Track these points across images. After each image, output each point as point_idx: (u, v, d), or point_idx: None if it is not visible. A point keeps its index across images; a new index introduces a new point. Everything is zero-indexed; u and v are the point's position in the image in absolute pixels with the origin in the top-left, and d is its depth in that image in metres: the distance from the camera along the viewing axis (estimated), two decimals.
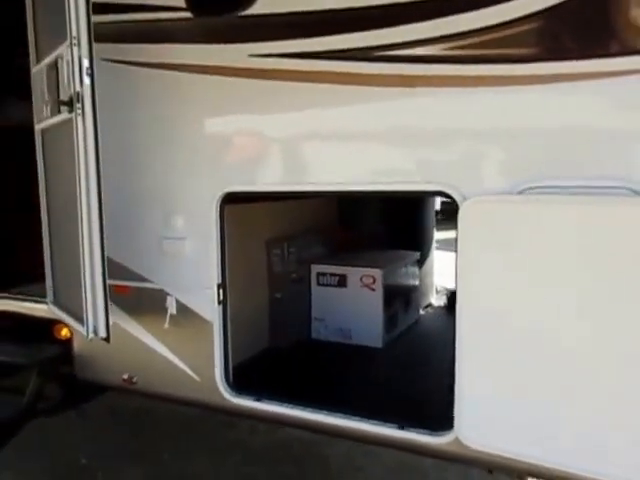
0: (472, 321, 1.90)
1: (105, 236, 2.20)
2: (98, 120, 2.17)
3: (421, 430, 2.08)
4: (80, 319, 2.27)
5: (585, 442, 1.70)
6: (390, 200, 4.03)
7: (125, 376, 2.76)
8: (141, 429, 3.93)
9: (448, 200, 1.98)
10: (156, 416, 3.97)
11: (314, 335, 3.81)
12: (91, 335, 2.16)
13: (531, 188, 1.80)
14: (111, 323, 2.35)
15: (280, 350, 3.55)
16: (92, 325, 2.16)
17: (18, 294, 3.12)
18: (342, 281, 3.71)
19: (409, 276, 4.13)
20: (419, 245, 4.48)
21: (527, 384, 1.79)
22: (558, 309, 1.74)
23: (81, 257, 2.16)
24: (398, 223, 4.46)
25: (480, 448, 1.88)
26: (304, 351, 3.58)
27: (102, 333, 2.18)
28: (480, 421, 1.88)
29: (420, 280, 4.28)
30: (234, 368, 2.94)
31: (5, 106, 3.41)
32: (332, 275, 3.75)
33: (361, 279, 3.63)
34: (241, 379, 2.77)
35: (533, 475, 1.93)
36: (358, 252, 4.12)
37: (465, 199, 1.89)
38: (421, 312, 4.30)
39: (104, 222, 2.20)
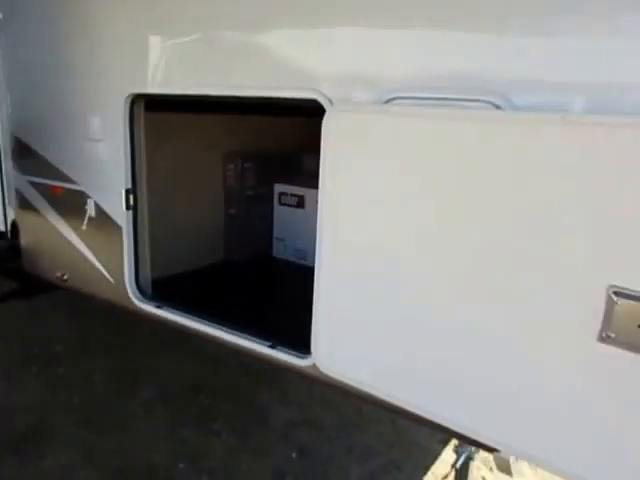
0: (330, 242, 1.80)
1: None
2: None
3: (289, 351, 2.08)
4: None
5: (429, 380, 1.60)
6: None
7: (58, 273, 2.90)
8: (113, 328, 4.18)
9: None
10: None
11: (275, 254, 3.82)
12: None
13: (397, 98, 1.65)
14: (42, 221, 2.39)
15: (232, 264, 3.60)
16: None
17: None
18: (301, 202, 3.64)
19: None
20: None
21: (377, 315, 1.69)
22: (415, 230, 1.58)
23: None
24: None
25: (330, 374, 1.84)
26: (253, 267, 3.61)
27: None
28: (331, 348, 1.83)
29: None
30: (178, 275, 3.06)
31: None
32: (292, 195, 3.68)
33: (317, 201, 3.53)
34: (177, 287, 2.88)
35: (384, 408, 1.85)
36: None
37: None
38: None
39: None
